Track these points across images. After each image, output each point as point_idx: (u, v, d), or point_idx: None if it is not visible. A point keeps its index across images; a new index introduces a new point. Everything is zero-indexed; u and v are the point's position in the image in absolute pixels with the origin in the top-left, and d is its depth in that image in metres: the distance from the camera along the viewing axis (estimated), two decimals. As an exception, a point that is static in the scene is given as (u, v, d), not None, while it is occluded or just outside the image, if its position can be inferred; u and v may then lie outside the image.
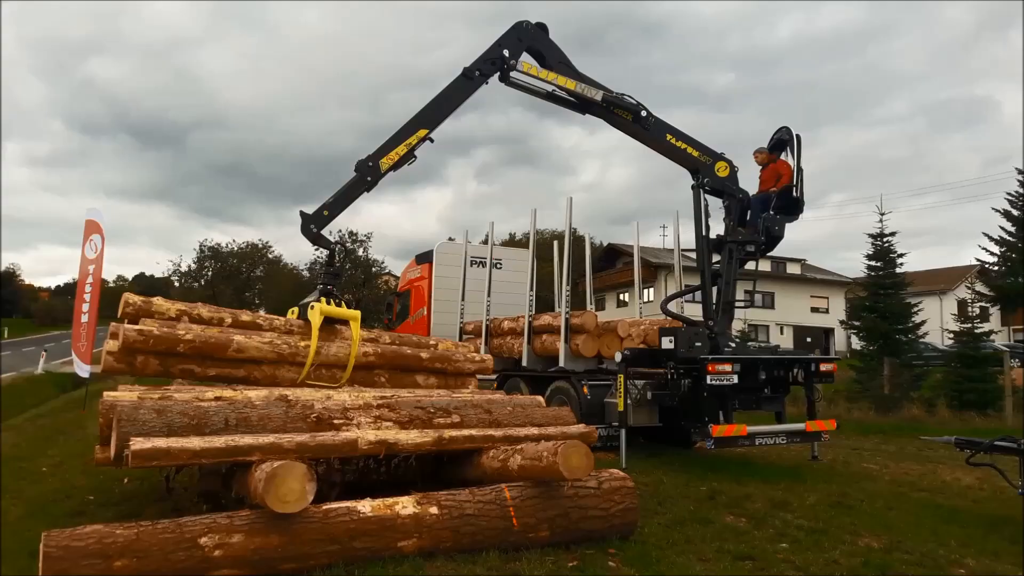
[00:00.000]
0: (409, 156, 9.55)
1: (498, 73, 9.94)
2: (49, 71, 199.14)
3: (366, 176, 9.26)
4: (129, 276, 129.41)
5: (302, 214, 9.01)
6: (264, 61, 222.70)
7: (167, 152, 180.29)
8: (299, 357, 7.70)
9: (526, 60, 10.06)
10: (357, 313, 8.41)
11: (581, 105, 10.36)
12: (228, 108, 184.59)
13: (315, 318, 7.96)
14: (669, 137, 10.26)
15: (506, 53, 9.90)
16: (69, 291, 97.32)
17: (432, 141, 9.66)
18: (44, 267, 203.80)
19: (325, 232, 9.13)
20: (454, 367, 8.86)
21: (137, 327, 6.98)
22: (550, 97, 10.40)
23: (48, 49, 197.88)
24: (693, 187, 10.30)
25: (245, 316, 8.19)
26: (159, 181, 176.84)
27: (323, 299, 8.43)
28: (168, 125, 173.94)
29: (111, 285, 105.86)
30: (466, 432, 6.08)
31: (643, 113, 10.18)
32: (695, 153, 10.25)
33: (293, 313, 8.56)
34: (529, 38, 10.06)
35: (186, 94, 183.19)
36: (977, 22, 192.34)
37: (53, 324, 78.07)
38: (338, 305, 8.45)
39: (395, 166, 9.44)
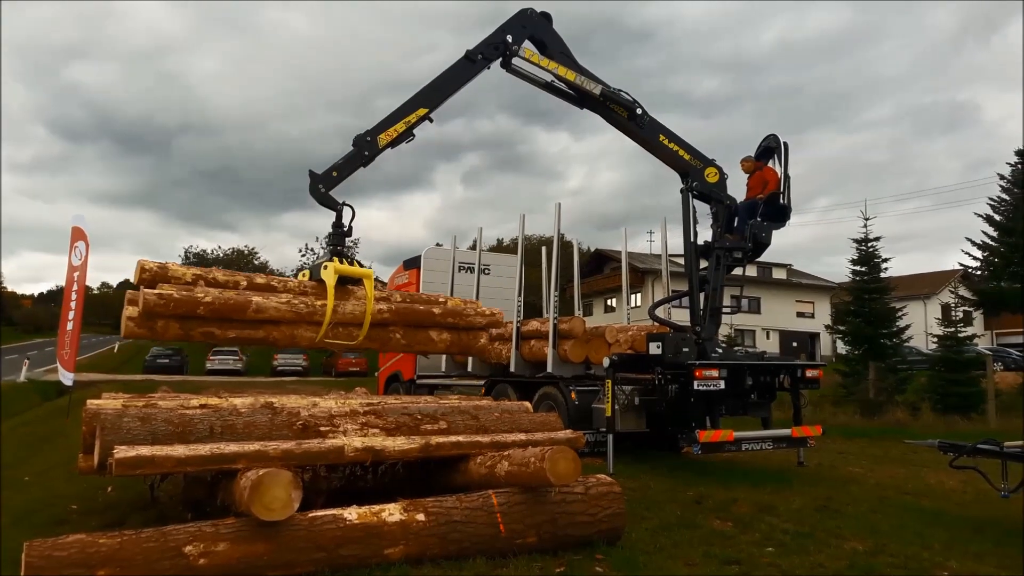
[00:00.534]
0: (407, 134, 9.50)
1: (500, 59, 9.96)
2: (31, 76, 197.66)
3: (363, 151, 9.16)
4: (113, 283, 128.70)
5: (311, 173, 8.94)
6: (251, 65, 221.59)
7: (151, 158, 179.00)
8: (316, 316, 7.66)
9: (528, 47, 10.11)
10: (371, 271, 8.36)
11: (579, 98, 10.42)
12: (214, 113, 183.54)
13: (330, 277, 7.89)
14: (662, 138, 10.30)
15: (509, 38, 9.93)
16: (52, 298, 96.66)
17: (432, 121, 9.62)
18: (26, 274, 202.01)
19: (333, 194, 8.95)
20: (465, 321, 8.86)
21: (156, 291, 6.86)
22: (548, 87, 10.44)
23: (30, 53, 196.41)
24: (682, 191, 10.35)
25: (259, 279, 8.10)
26: (143, 187, 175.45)
27: (335, 259, 8.34)
28: (152, 130, 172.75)
29: (95, 292, 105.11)
30: (453, 438, 6.07)
31: (638, 111, 10.22)
32: (686, 156, 10.29)
33: (304, 275, 8.50)
34: (533, 26, 10.10)
35: (171, 99, 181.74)
36: (959, 27, 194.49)
37: (36, 331, 77.42)
38: (350, 264, 8.38)
39: (392, 143, 9.37)
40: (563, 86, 10.33)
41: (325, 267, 8.01)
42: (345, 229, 8.96)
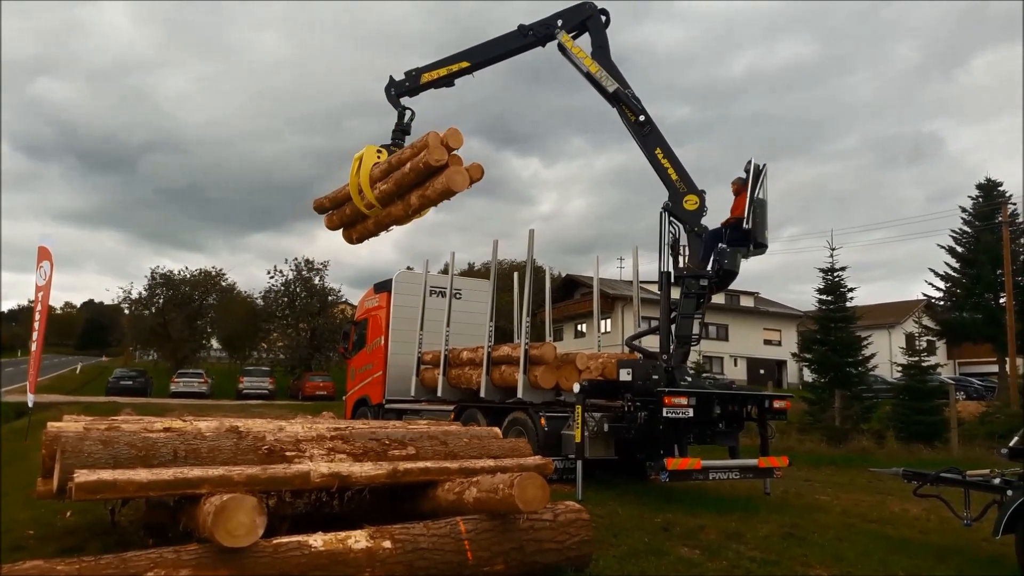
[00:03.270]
0: (448, 81, 11.34)
1: (551, 40, 10.92)
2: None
3: (405, 81, 11.37)
4: (78, 303, 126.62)
5: (391, 78, 11.45)
6: (220, 84, 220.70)
7: (117, 176, 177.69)
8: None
9: (565, 33, 10.86)
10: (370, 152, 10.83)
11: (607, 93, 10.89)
12: (182, 131, 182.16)
13: (364, 155, 10.61)
14: (658, 151, 10.50)
15: (559, 22, 10.84)
16: (13, 318, 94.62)
17: (473, 76, 11.28)
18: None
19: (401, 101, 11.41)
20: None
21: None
22: (589, 77, 10.90)
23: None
24: (662, 209, 10.42)
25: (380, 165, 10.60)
26: (108, 205, 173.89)
27: (383, 149, 10.86)
28: (118, 148, 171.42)
29: (58, 312, 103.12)
30: (421, 464, 6.02)
31: (642, 118, 10.53)
32: (674, 177, 10.36)
33: (383, 154, 10.80)
34: (585, 16, 10.86)
35: (138, 116, 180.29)
36: (923, 60, 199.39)
37: (-6, 352, 75.64)
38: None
39: (433, 83, 11.33)
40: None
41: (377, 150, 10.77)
42: (404, 128, 11.35)
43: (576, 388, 9.83)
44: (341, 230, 11.80)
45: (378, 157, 10.76)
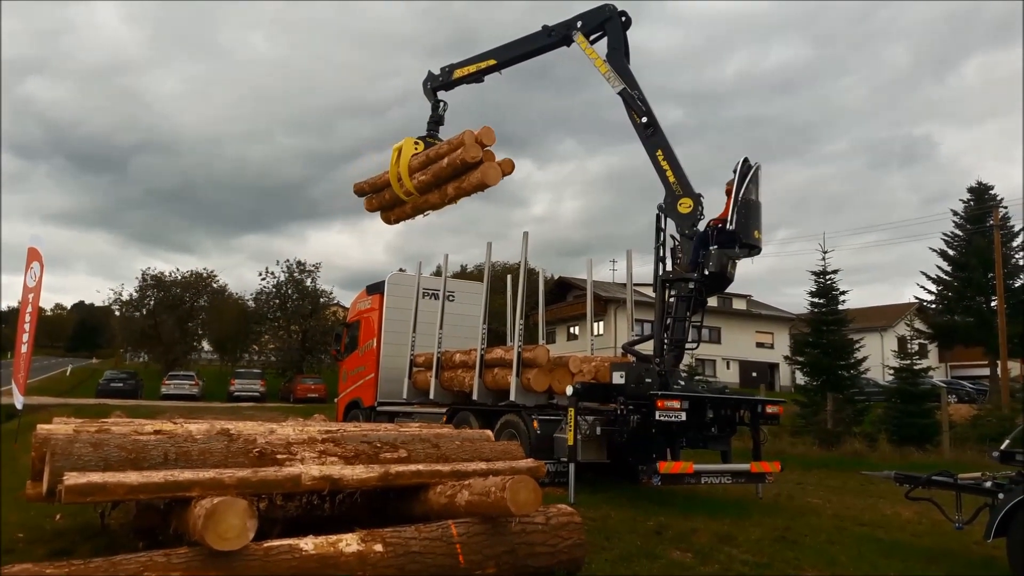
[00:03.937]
0: (477, 77, 12.34)
1: (568, 41, 11.39)
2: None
3: (440, 76, 12.60)
4: (68, 304, 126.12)
5: (429, 72, 12.81)
6: (211, 84, 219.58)
7: (107, 177, 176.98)
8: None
9: (580, 35, 11.19)
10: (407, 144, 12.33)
11: None
12: (172, 133, 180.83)
13: (403, 147, 12.17)
14: (658, 154, 10.56)
15: (579, 23, 11.18)
16: (4, 319, 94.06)
17: (500, 73, 12.23)
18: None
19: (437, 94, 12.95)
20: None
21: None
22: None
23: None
24: (657, 210, 10.44)
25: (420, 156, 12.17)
26: (99, 206, 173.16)
27: (420, 141, 12.28)
28: (109, 149, 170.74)
29: (48, 313, 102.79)
30: (413, 467, 6.00)
31: (645, 120, 10.62)
32: (672, 179, 10.37)
33: (420, 146, 12.27)
34: (604, 18, 11.12)
35: (128, 117, 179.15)
36: (914, 63, 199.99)
37: (-18, 353, 75.22)
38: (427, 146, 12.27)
39: (464, 79, 12.41)
40: None
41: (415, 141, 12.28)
42: (438, 119, 12.71)
43: (569, 391, 9.82)
44: (379, 212, 13.40)
45: (416, 148, 12.02)
